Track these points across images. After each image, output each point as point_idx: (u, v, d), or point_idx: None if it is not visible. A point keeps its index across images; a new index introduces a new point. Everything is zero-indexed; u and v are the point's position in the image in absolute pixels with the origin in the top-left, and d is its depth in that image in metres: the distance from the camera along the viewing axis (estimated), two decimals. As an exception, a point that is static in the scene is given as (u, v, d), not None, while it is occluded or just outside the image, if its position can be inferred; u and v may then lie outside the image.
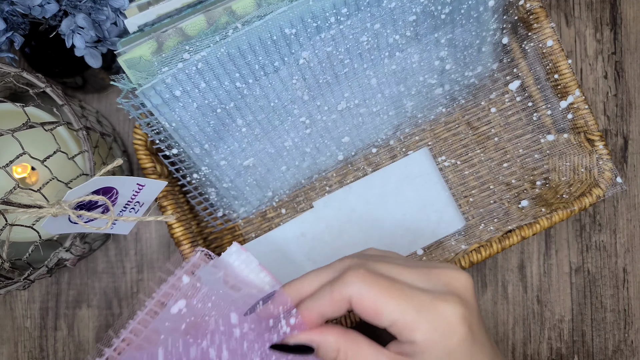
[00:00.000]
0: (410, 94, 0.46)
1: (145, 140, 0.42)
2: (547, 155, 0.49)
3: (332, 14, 0.36)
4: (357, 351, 0.31)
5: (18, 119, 0.41)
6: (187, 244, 0.43)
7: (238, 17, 0.36)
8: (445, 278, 0.32)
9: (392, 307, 0.30)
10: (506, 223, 0.47)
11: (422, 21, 0.40)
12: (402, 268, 0.32)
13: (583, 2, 0.52)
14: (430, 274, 0.32)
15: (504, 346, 0.51)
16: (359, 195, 0.47)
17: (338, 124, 0.45)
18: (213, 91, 0.37)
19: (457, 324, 0.30)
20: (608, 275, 0.51)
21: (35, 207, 0.32)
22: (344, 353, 0.31)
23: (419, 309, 0.30)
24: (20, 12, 0.37)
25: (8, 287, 0.38)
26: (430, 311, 0.30)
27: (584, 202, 0.44)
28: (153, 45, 0.35)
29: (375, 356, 0.31)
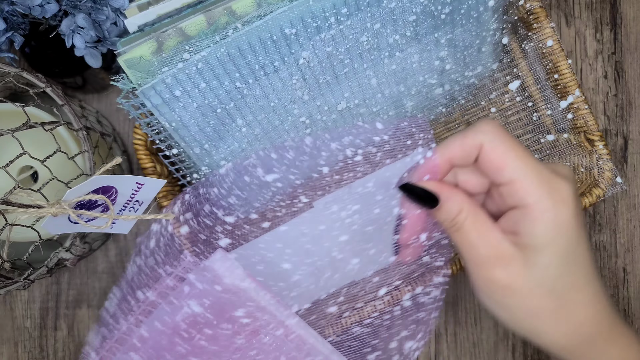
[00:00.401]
0: (410, 94, 0.46)
1: (145, 140, 0.42)
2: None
3: (332, 14, 0.36)
4: (477, 217, 0.32)
5: (18, 119, 0.41)
6: (187, 243, 0.43)
7: (238, 17, 0.36)
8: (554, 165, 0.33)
9: (516, 165, 0.31)
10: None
11: (422, 21, 0.40)
12: None
13: (583, 2, 0.52)
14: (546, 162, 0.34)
15: (504, 346, 0.51)
16: (359, 195, 0.47)
17: (338, 124, 0.45)
18: (213, 91, 0.37)
19: (570, 198, 0.31)
20: (608, 275, 0.51)
21: (35, 207, 0.32)
22: (465, 214, 0.32)
23: (539, 175, 0.31)
24: (20, 12, 0.37)
25: (8, 287, 0.38)
26: (548, 181, 0.31)
27: (584, 202, 0.44)
28: (153, 45, 0.35)
29: (490, 229, 0.32)
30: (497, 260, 0.31)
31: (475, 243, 0.32)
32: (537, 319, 0.32)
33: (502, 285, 0.32)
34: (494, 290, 0.32)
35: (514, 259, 0.31)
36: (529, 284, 0.31)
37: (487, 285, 0.32)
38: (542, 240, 0.31)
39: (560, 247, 0.31)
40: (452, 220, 0.33)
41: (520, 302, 0.32)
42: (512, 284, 0.31)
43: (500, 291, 0.32)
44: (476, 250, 0.32)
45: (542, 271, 0.31)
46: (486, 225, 0.32)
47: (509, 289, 0.31)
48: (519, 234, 0.31)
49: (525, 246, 0.31)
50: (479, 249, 0.32)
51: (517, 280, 0.31)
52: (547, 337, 0.33)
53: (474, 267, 0.33)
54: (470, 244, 0.32)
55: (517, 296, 0.32)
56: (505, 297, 0.32)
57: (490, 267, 0.32)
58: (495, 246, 0.32)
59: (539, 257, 0.31)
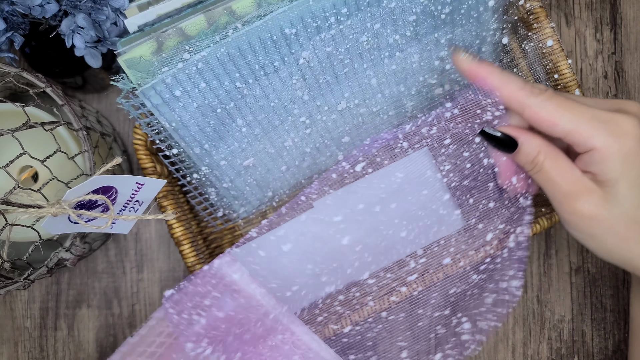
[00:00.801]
0: (410, 94, 0.46)
1: (145, 140, 0.42)
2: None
3: (332, 13, 0.36)
4: (556, 157, 0.35)
5: (18, 119, 0.41)
6: (187, 243, 0.43)
7: (238, 17, 0.36)
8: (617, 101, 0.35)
9: (567, 117, 0.33)
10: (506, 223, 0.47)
11: (422, 21, 0.40)
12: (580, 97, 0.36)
13: (583, 2, 0.52)
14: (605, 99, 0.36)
15: (504, 346, 0.51)
16: (359, 195, 0.47)
17: (338, 124, 0.45)
18: (213, 91, 0.37)
19: (632, 130, 0.33)
20: (608, 275, 0.51)
21: (35, 207, 0.32)
22: (544, 155, 0.35)
23: (593, 118, 0.33)
24: (20, 12, 0.37)
25: (8, 287, 0.38)
26: (604, 120, 0.33)
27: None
28: (153, 45, 0.35)
29: (570, 166, 0.35)
30: (580, 194, 0.34)
31: (557, 180, 0.35)
32: (625, 246, 0.35)
33: (587, 216, 0.34)
34: (580, 222, 0.35)
35: (594, 191, 0.34)
36: (612, 213, 0.34)
37: (574, 218, 0.35)
38: (614, 174, 0.33)
39: (632, 178, 0.33)
40: (531, 162, 0.35)
41: (607, 231, 0.34)
42: (596, 214, 0.34)
43: (586, 222, 0.34)
44: (559, 187, 0.35)
45: (622, 202, 0.33)
46: (565, 163, 0.35)
47: (595, 220, 0.34)
48: (593, 174, 0.34)
49: (601, 183, 0.34)
50: (562, 186, 0.35)
51: (600, 211, 0.34)
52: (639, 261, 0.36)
53: (559, 203, 0.35)
54: (552, 182, 0.35)
55: (603, 226, 0.34)
56: (592, 227, 0.35)
57: (573, 200, 0.34)
58: (576, 182, 0.34)
59: (615, 190, 0.33)
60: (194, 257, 0.43)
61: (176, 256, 0.51)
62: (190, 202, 0.48)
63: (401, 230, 0.45)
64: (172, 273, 0.51)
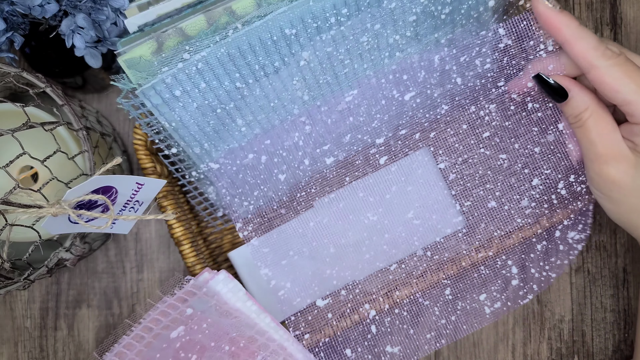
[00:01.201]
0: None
1: (145, 140, 0.42)
2: (549, 153, 0.49)
3: (332, 14, 0.36)
4: (601, 116, 0.36)
5: (18, 119, 0.41)
6: (187, 244, 0.43)
7: (238, 17, 0.36)
8: None
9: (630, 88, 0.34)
10: (506, 223, 0.47)
11: (422, 21, 0.40)
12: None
13: (583, 2, 0.52)
14: None
15: (504, 346, 0.51)
16: (359, 195, 0.47)
17: (338, 124, 0.45)
18: (213, 91, 0.37)
19: None
20: (608, 275, 0.51)
21: (35, 207, 0.32)
22: (590, 112, 0.36)
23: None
24: (20, 12, 0.37)
25: (8, 287, 0.38)
26: None
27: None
28: (153, 45, 0.35)
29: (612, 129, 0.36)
30: (612, 158, 0.35)
31: (595, 140, 0.36)
32: (636, 215, 0.37)
33: (611, 180, 0.36)
34: (603, 183, 0.36)
35: (627, 159, 0.35)
36: (635, 183, 0.35)
37: (598, 178, 0.36)
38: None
39: None
40: (577, 115, 0.36)
41: (624, 197, 0.36)
42: (620, 180, 0.35)
43: (609, 185, 0.36)
44: (594, 147, 0.36)
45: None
46: (608, 126, 0.36)
47: (617, 185, 0.36)
48: (636, 144, 0.35)
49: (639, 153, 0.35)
50: (597, 147, 0.36)
51: (625, 178, 0.35)
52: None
53: (590, 161, 0.37)
54: (589, 140, 0.36)
55: (622, 192, 0.36)
56: (613, 191, 0.36)
57: (603, 163, 0.36)
58: (612, 146, 0.35)
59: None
60: (194, 257, 0.43)
61: (176, 256, 0.51)
62: (190, 202, 0.48)
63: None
64: (172, 273, 0.51)
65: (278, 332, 0.39)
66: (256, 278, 0.46)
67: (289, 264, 0.46)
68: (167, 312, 0.38)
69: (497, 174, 0.46)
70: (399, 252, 0.46)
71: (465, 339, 0.51)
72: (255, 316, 0.38)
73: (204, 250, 0.47)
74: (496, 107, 0.44)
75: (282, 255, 0.46)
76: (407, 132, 0.46)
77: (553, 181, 0.44)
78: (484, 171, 0.46)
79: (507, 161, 0.45)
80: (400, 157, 0.48)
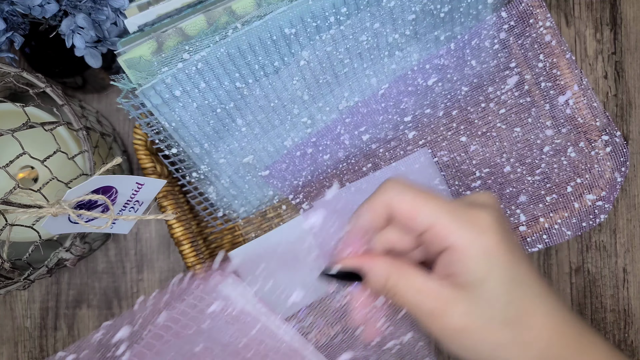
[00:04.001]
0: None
1: (145, 140, 0.42)
2: (549, 152, 0.49)
3: (331, 13, 0.36)
4: (406, 277, 0.32)
5: (18, 119, 0.41)
6: (187, 244, 0.43)
7: (238, 17, 0.36)
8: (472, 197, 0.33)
9: (428, 210, 0.31)
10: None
11: (422, 20, 0.40)
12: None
13: (583, 2, 0.52)
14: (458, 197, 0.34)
15: (504, 346, 0.51)
16: (359, 195, 0.47)
17: (338, 124, 0.45)
18: (213, 91, 0.37)
19: (492, 225, 0.30)
20: (608, 275, 0.51)
21: (35, 207, 0.32)
22: (393, 280, 0.32)
23: (454, 213, 0.30)
24: (20, 12, 0.37)
25: (8, 287, 0.38)
26: (464, 215, 0.31)
27: (585, 201, 0.44)
28: (153, 45, 0.35)
29: (424, 282, 0.31)
30: (443, 308, 0.31)
31: (416, 301, 0.31)
32: (502, 353, 0.31)
33: (457, 329, 0.31)
34: (452, 336, 0.31)
35: (458, 301, 0.31)
36: (481, 320, 0.31)
37: (444, 334, 0.32)
38: (477, 274, 0.30)
39: (498, 275, 0.30)
40: (383, 288, 0.32)
41: (480, 340, 0.31)
42: (465, 326, 0.31)
43: (457, 335, 0.31)
44: (419, 306, 0.31)
45: (489, 304, 0.30)
46: (419, 280, 0.31)
47: (465, 331, 0.31)
48: (455, 275, 0.31)
49: (464, 285, 0.30)
50: (422, 305, 0.31)
51: (468, 321, 0.31)
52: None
53: (425, 321, 0.32)
54: (411, 303, 0.32)
55: (475, 336, 0.31)
56: (464, 339, 0.31)
57: (439, 317, 0.31)
58: (436, 297, 0.31)
59: (481, 292, 0.30)
60: (194, 257, 0.43)
61: (176, 256, 0.51)
62: (190, 202, 0.48)
63: None
64: (172, 273, 0.51)
65: (288, 333, 0.39)
66: (256, 278, 0.46)
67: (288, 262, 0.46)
68: (186, 311, 0.38)
69: (512, 145, 0.48)
70: None
71: (465, 339, 0.51)
72: (265, 318, 0.39)
73: (204, 250, 0.47)
74: (511, 86, 0.45)
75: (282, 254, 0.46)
76: (431, 110, 0.47)
77: (563, 147, 0.45)
78: (501, 142, 0.48)
79: (521, 134, 0.47)
80: (400, 156, 0.48)
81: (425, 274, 0.31)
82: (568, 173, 0.45)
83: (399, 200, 0.31)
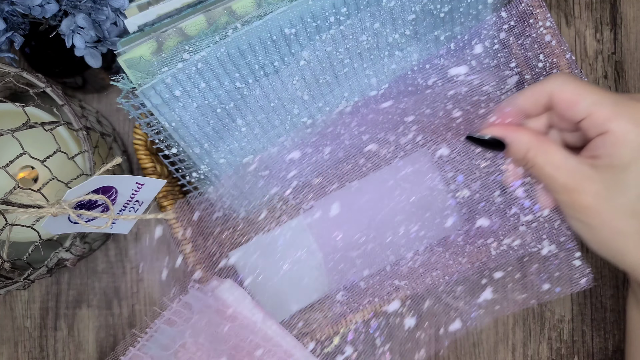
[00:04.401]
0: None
1: (145, 140, 0.42)
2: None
3: (331, 13, 0.36)
4: (546, 151, 0.34)
5: (18, 119, 0.41)
6: (187, 243, 0.43)
7: (238, 17, 0.36)
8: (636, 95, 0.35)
9: (591, 99, 0.33)
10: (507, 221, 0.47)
11: (422, 20, 0.40)
12: None
13: (583, 2, 0.52)
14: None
15: (504, 346, 0.51)
16: (359, 194, 0.47)
17: (338, 124, 0.45)
18: (213, 91, 0.37)
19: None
20: (608, 275, 0.51)
21: (35, 207, 0.32)
22: (534, 152, 0.34)
23: (617, 103, 0.32)
24: (20, 12, 0.37)
25: (8, 287, 0.38)
26: (627, 106, 0.32)
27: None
28: (153, 45, 0.35)
29: (564, 158, 0.34)
30: (577, 184, 0.33)
31: (552, 174, 0.34)
32: (621, 240, 0.33)
33: (585, 206, 0.33)
34: (578, 212, 0.34)
35: (594, 181, 0.33)
36: (611, 204, 0.33)
37: (572, 208, 0.34)
38: (624, 160, 0.32)
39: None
40: (522, 159, 0.35)
41: (603, 222, 0.33)
42: (594, 205, 0.33)
43: (584, 212, 0.33)
44: (555, 180, 0.34)
45: (625, 192, 0.32)
46: (559, 155, 0.34)
47: (593, 210, 0.33)
48: (601, 157, 0.33)
49: (607, 167, 0.32)
50: (558, 179, 0.34)
51: (599, 201, 0.33)
52: (631, 258, 0.34)
53: (557, 194, 0.35)
54: (547, 176, 0.34)
55: (600, 217, 0.33)
56: (589, 218, 0.33)
57: (571, 192, 0.33)
58: (573, 173, 0.33)
59: (620, 178, 0.32)
60: (194, 257, 0.43)
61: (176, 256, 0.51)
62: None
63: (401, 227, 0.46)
64: (172, 273, 0.51)
65: (285, 338, 0.39)
66: (255, 277, 0.46)
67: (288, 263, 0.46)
68: (174, 320, 0.38)
69: None
70: None
71: (465, 339, 0.51)
72: (261, 323, 0.39)
73: (204, 250, 0.47)
74: (511, 86, 0.45)
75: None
76: (431, 111, 0.47)
77: None
78: None
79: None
80: (400, 156, 0.48)
81: (567, 153, 0.34)
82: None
83: (563, 89, 0.34)
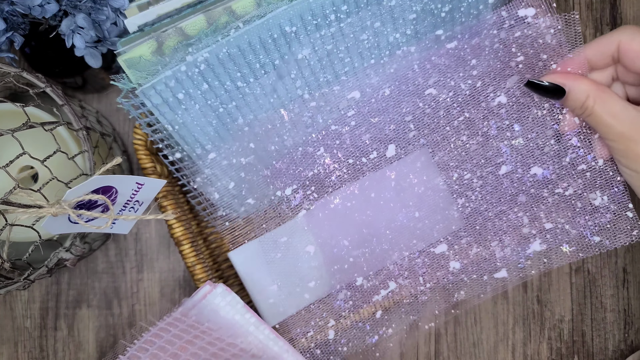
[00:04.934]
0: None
1: (145, 140, 0.42)
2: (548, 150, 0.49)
3: (331, 11, 0.36)
4: (605, 100, 0.34)
5: (18, 119, 0.41)
6: (187, 243, 0.43)
7: (238, 16, 0.36)
8: None
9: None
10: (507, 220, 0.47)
11: (422, 19, 0.40)
12: None
13: (583, 2, 0.52)
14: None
15: (504, 346, 0.51)
16: (358, 195, 0.47)
17: (338, 124, 0.45)
18: (214, 91, 0.37)
19: None
20: (608, 275, 0.51)
21: (35, 207, 0.32)
22: (593, 100, 0.35)
23: None
24: (20, 12, 0.37)
25: (8, 287, 0.38)
26: None
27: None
28: (153, 45, 0.35)
29: (623, 107, 0.34)
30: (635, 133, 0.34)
31: (609, 123, 0.34)
32: None
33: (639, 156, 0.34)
34: (633, 161, 0.35)
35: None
36: None
37: (626, 157, 0.35)
38: None
39: None
40: (581, 107, 0.35)
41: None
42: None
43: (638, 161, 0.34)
44: (611, 128, 0.35)
45: None
46: (618, 104, 0.34)
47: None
48: None
49: None
50: (614, 128, 0.34)
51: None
52: None
53: (612, 143, 0.35)
54: (603, 124, 0.35)
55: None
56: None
57: (627, 140, 0.34)
58: (630, 122, 0.34)
59: None
60: (194, 257, 0.43)
61: (176, 256, 0.51)
62: (190, 202, 0.48)
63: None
64: (172, 273, 0.51)
65: (277, 343, 0.39)
66: (255, 278, 0.46)
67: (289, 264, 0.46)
68: (167, 329, 0.38)
69: None
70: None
71: (465, 339, 0.51)
72: (253, 328, 0.39)
73: (204, 250, 0.47)
74: (511, 86, 0.45)
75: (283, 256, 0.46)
76: (431, 110, 0.47)
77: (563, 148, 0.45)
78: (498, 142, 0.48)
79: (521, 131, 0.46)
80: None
81: (627, 103, 0.34)
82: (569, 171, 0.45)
83: (631, 40, 0.34)
